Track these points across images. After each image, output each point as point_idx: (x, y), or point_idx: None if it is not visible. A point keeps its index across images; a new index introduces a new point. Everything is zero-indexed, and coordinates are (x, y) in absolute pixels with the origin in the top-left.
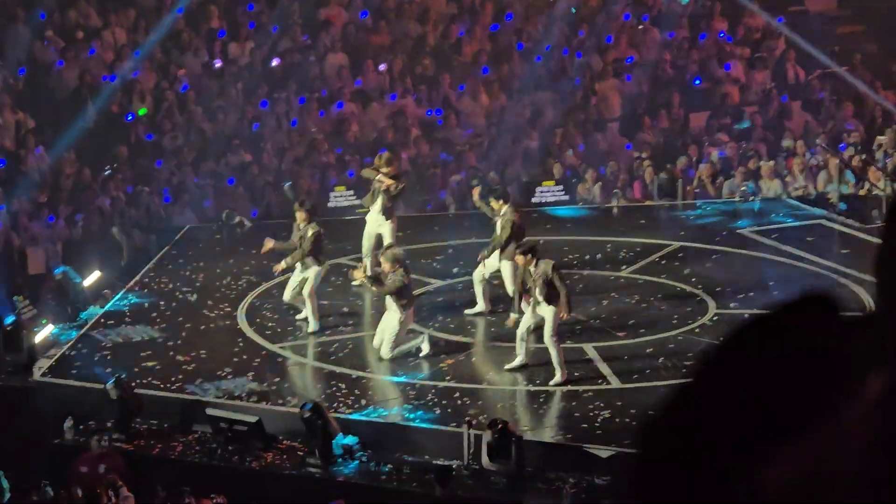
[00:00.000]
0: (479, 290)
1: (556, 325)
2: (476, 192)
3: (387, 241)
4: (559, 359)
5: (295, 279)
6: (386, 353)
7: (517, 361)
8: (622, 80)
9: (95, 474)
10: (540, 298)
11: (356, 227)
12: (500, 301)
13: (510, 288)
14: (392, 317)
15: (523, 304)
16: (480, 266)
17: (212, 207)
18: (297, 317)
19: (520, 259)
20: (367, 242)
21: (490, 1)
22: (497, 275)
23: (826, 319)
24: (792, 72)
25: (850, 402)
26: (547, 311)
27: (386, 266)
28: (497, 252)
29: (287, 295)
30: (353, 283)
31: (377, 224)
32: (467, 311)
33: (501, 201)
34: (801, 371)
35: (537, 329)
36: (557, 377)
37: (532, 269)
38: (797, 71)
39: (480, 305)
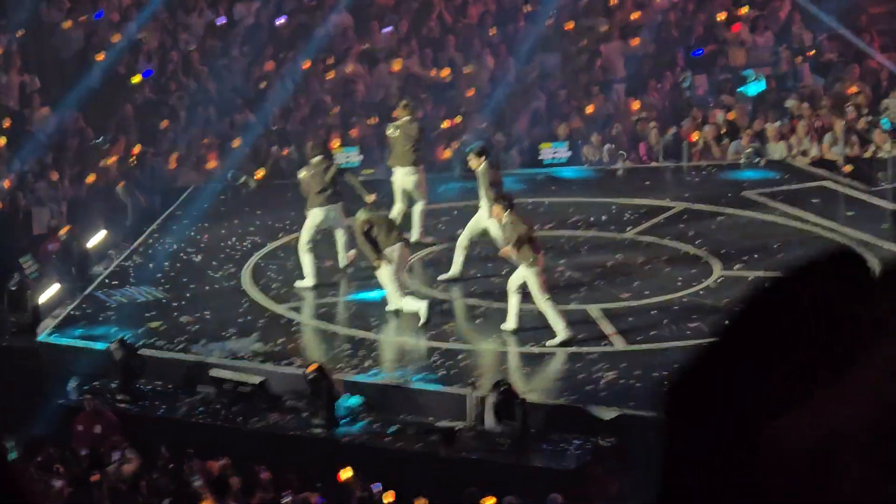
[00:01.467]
0: (459, 255)
1: (541, 284)
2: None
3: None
4: (556, 318)
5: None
6: (393, 304)
7: (509, 322)
8: (626, 42)
9: (91, 434)
10: (514, 255)
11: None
12: (486, 261)
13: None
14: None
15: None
16: (466, 230)
17: (217, 168)
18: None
19: (497, 211)
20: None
21: None
22: (485, 235)
23: (851, 277)
24: (798, 33)
25: (869, 363)
26: (528, 273)
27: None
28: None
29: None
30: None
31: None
32: (441, 277)
33: (481, 158)
34: (825, 329)
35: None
36: (558, 337)
37: (509, 222)
38: (803, 34)
39: (455, 270)
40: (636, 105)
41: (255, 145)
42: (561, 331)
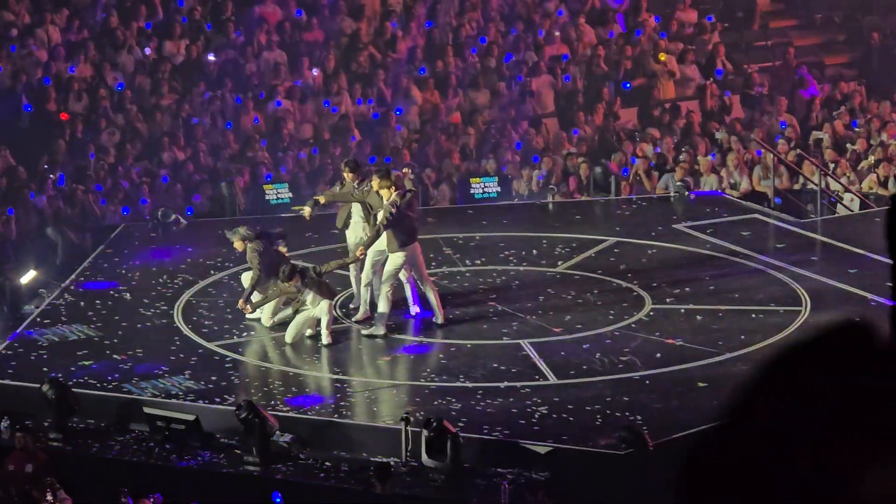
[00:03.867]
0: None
1: (394, 271)
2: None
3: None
4: (385, 309)
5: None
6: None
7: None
8: (556, 76)
9: (23, 473)
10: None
11: (289, 222)
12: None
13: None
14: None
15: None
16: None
17: (147, 205)
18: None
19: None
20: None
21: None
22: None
23: (867, 347)
24: (721, 65)
25: None
26: (393, 257)
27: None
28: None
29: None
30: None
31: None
32: (355, 319)
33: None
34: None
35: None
36: (374, 329)
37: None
38: (726, 65)
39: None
40: (566, 139)
41: (185, 182)
42: (380, 327)
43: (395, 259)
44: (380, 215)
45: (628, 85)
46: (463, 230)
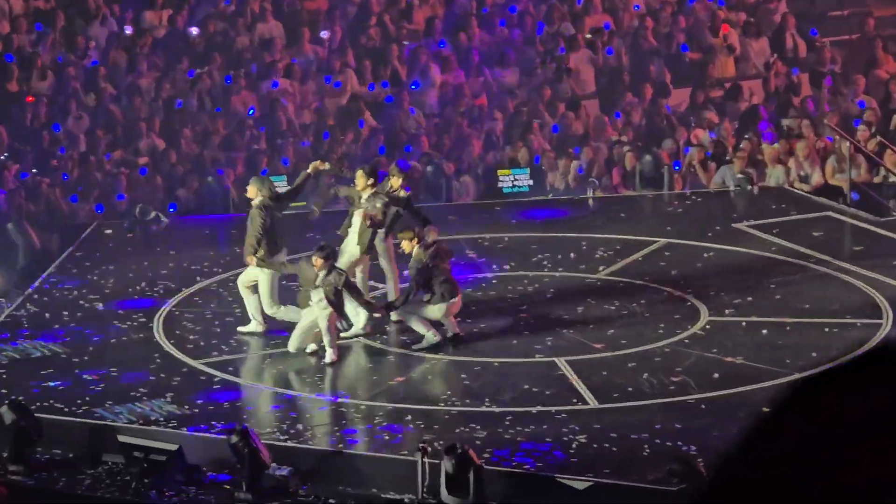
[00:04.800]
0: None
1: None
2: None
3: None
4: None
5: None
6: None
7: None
8: (597, 51)
9: None
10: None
11: (290, 222)
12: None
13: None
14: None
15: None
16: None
17: (123, 202)
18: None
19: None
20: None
21: None
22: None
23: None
24: (791, 41)
25: None
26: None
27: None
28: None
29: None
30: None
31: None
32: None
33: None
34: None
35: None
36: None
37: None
38: (797, 41)
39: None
40: (609, 124)
41: (167, 174)
42: (430, 335)
43: (434, 311)
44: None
45: (682, 61)
46: (489, 230)
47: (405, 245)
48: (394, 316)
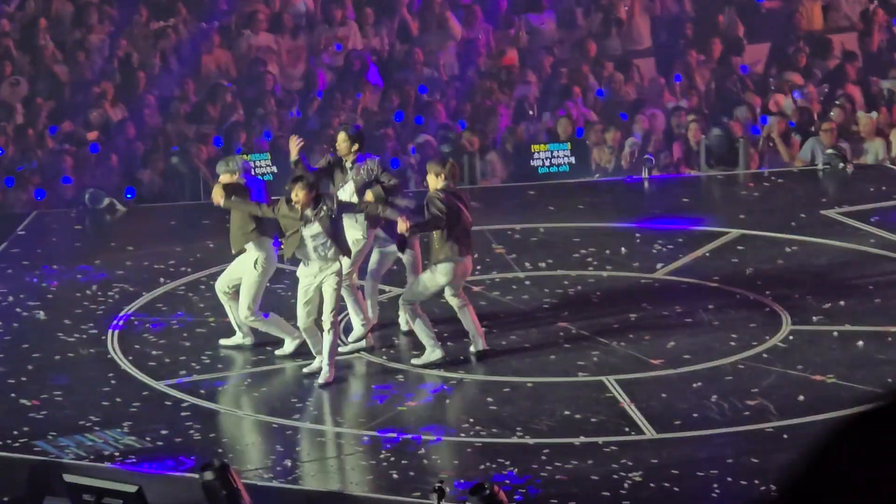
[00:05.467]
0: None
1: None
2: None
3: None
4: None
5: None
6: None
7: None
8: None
9: None
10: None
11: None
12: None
13: None
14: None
15: None
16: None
17: (70, 186)
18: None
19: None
20: None
21: None
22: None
23: None
24: None
25: None
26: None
27: None
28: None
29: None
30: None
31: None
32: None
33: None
34: None
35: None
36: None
37: None
38: None
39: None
40: (667, 88)
41: (125, 153)
42: (434, 349)
43: (438, 275)
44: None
45: (758, 11)
46: (521, 219)
47: (431, 180)
48: (403, 325)
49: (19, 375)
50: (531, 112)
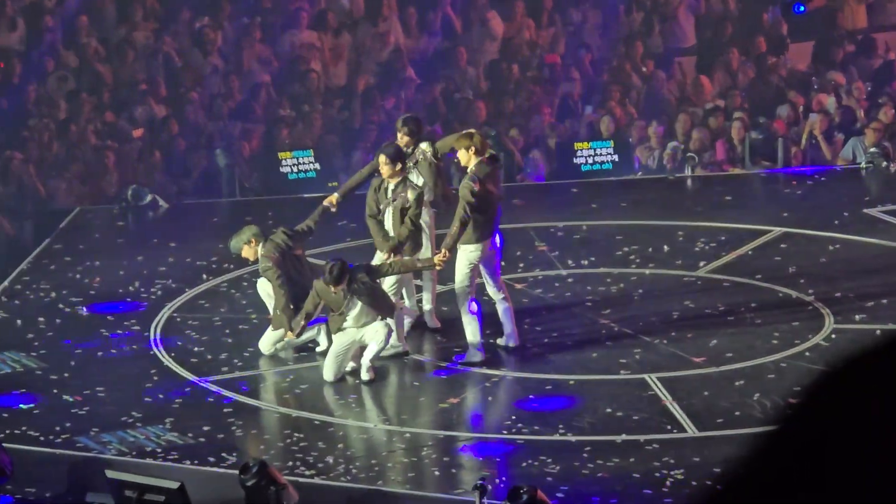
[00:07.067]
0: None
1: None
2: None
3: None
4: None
5: None
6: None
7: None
8: None
9: None
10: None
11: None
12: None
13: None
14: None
15: None
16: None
17: (113, 182)
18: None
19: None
20: None
21: None
22: None
23: None
24: None
25: None
26: None
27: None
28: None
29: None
30: None
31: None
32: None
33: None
34: None
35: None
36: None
37: None
38: None
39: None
40: (711, 87)
41: (166, 149)
42: (476, 351)
43: (469, 254)
44: (460, 205)
45: (802, 8)
46: (563, 217)
47: (462, 156)
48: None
49: (62, 371)
50: (574, 109)
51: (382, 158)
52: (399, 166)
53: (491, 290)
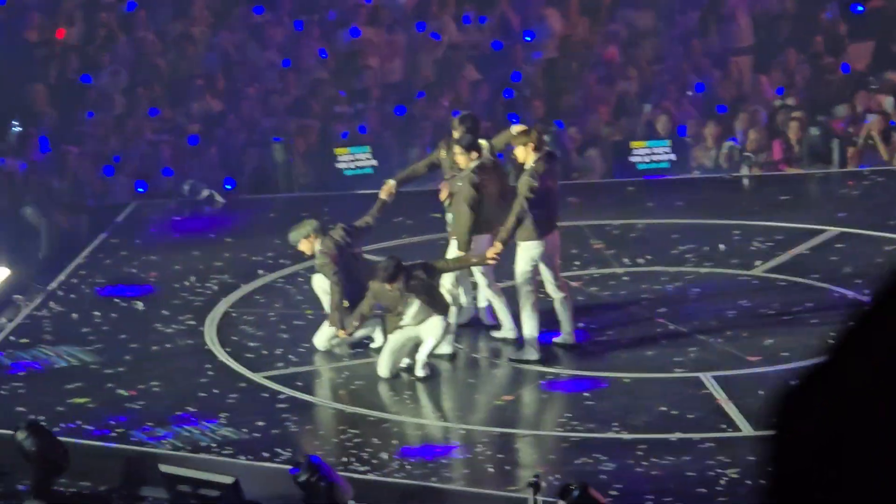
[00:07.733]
0: (498, 304)
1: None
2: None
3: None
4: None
5: None
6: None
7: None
8: None
9: None
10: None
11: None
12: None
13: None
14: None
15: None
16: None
17: (169, 177)
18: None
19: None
20: None
21: None
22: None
23: None
24: None
25: None
26: None
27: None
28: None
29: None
30: None
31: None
32: (495, 334)
33: (471, 152)
34: None
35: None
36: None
37: None
38: None
39: (507, 327)
40: (769, 86)
41: (222, 144)
42: (532, 350)
43: (531, 251)
44: (519, 194)
45: (861, 8)
46: (619, 215)
47: (520, 152)
48: (483, 317)
49: (117, 366)
50: (631, 108)
51: (457, 149)
52: (475, 153)
53: (550, 287)
